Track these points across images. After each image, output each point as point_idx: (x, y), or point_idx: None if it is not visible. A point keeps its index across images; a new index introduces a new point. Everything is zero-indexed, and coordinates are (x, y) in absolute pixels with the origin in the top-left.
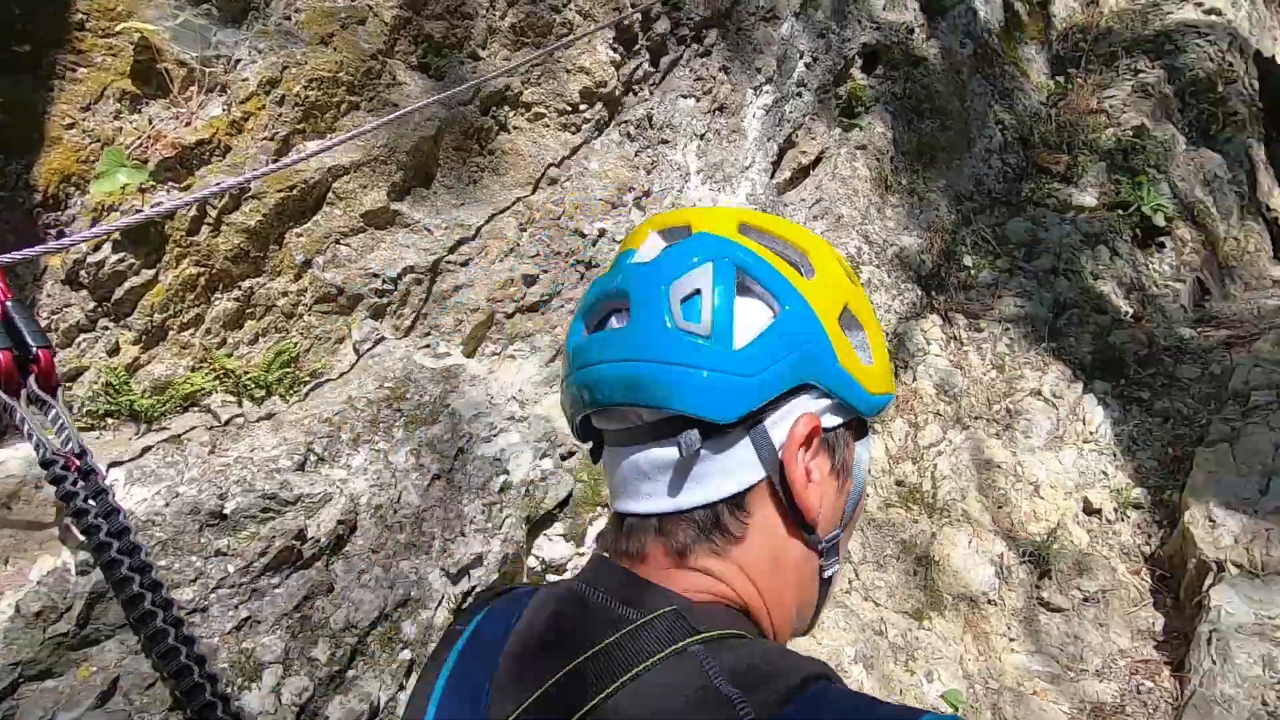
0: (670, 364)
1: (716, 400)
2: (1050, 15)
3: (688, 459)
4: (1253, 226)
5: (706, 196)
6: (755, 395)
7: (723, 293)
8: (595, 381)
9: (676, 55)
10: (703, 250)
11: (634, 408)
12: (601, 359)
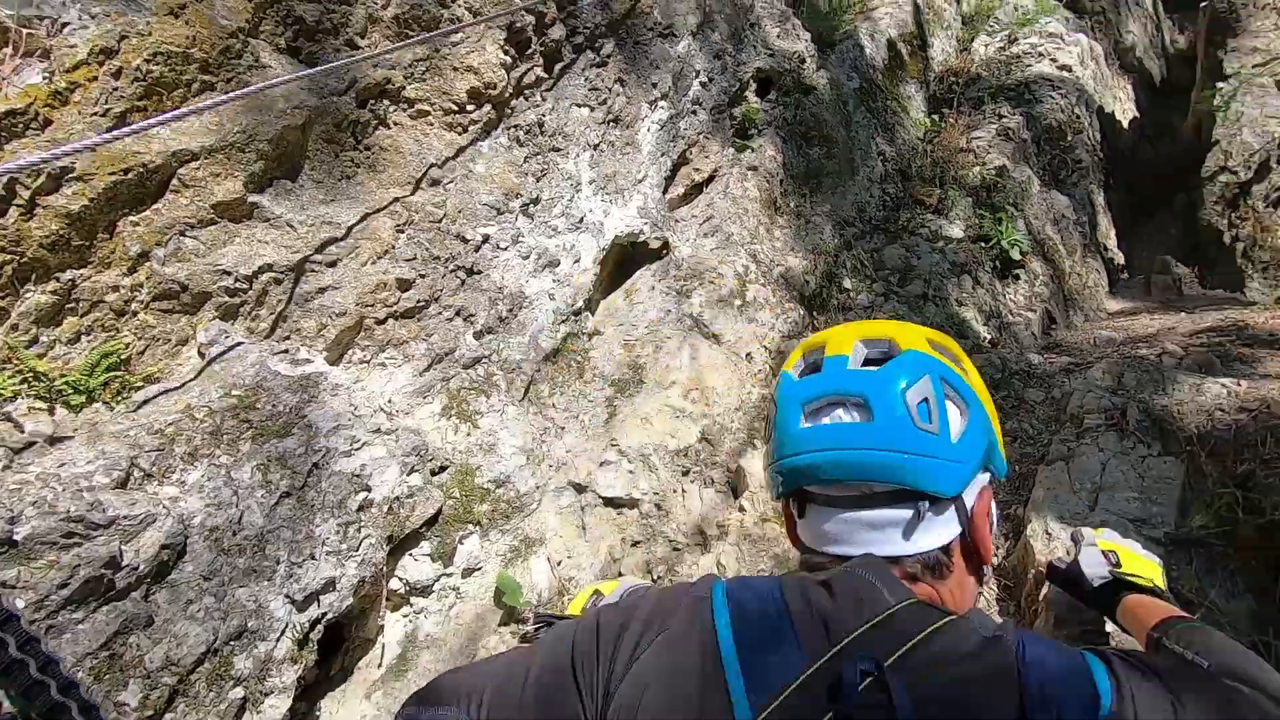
0: (914, 454)
1: (945, 481)
2: (929, 58)
3: (916, 519)
4: (1092, 263)
5: (598, 207)
6: (968, 476)
7: (940, 399)
8: (831, 463)
9: (571, 63)
10: (921, 367)
11: (868, 482)
12: (840, 446)
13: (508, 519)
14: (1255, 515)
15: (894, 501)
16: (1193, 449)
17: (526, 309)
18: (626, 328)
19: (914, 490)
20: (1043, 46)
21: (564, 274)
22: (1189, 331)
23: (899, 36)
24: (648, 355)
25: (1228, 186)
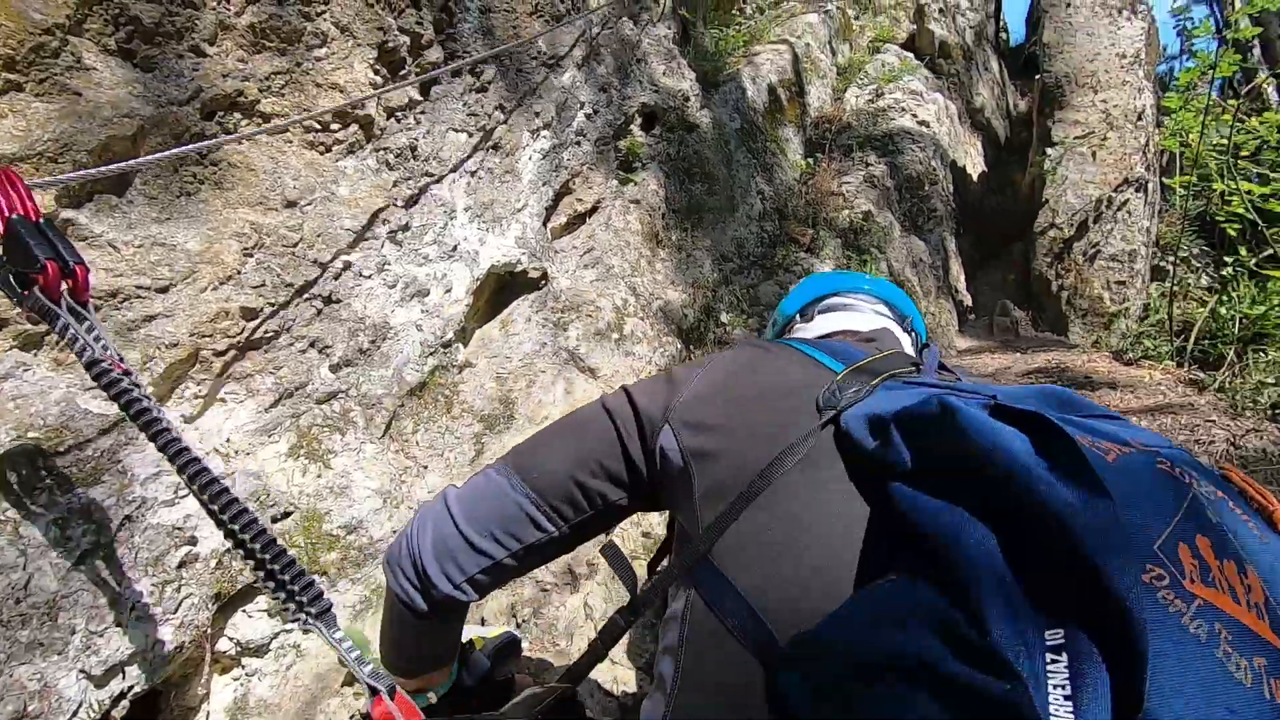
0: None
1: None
2: (806, 104)
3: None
4: (945, 304)
5: (473, 235)
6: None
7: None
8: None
9: (449, 87)
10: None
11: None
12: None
13: (359, 567)
14: None
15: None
16: None
17: (391, 340)
18: (500, 360)
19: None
20: (905, 102)
21: (434, 304)
22: (1021, 372)
23: (779, 82)
24: (520, 389)
25: (1055, 241)
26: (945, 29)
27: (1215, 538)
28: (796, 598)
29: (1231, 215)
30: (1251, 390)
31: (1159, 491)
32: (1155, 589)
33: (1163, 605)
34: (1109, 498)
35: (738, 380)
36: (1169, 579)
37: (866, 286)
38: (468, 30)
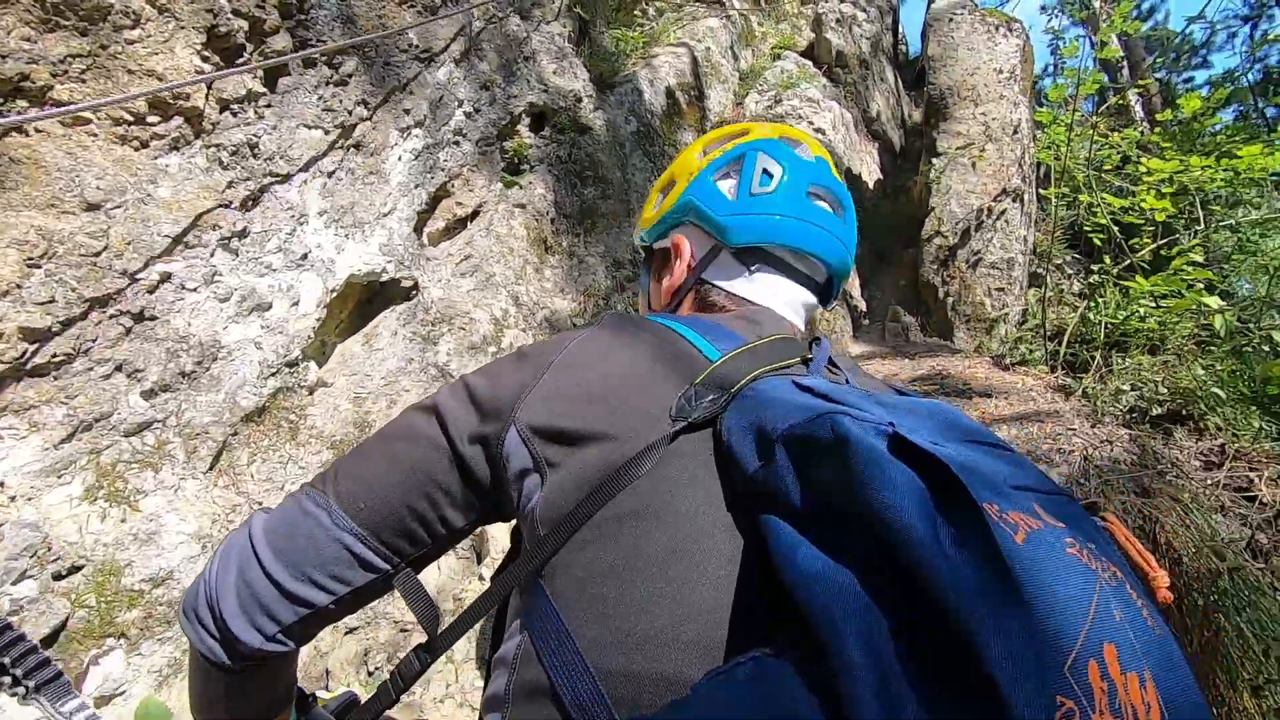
0: (852, 260)
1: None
2: (706, 108)
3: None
4: (839, 310)
5: (329, 242)
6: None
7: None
8: (821, 243)
9: (301, 79)
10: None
11: (822, 268)
12: (832, 231)
13: (168, 625)
14: None
15: (819, 291)
16: None
17: (224, 361)
18: (360, 379)
19: (830, 289)
20: (802, 109)
21: (277, 319)
22: (907, 379)
23: (678, 85)
24: (380, 411)
25: (940, 249)
26: (843, 39)
27: (1121, 643)
28: (642, 665)
29: (1097, 226)
30: (1111, 396)
31: (1070, 588)
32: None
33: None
34: (1022, 607)
35: (597, 369)
36: (1078, 714)
37: None
38: (324, 18)
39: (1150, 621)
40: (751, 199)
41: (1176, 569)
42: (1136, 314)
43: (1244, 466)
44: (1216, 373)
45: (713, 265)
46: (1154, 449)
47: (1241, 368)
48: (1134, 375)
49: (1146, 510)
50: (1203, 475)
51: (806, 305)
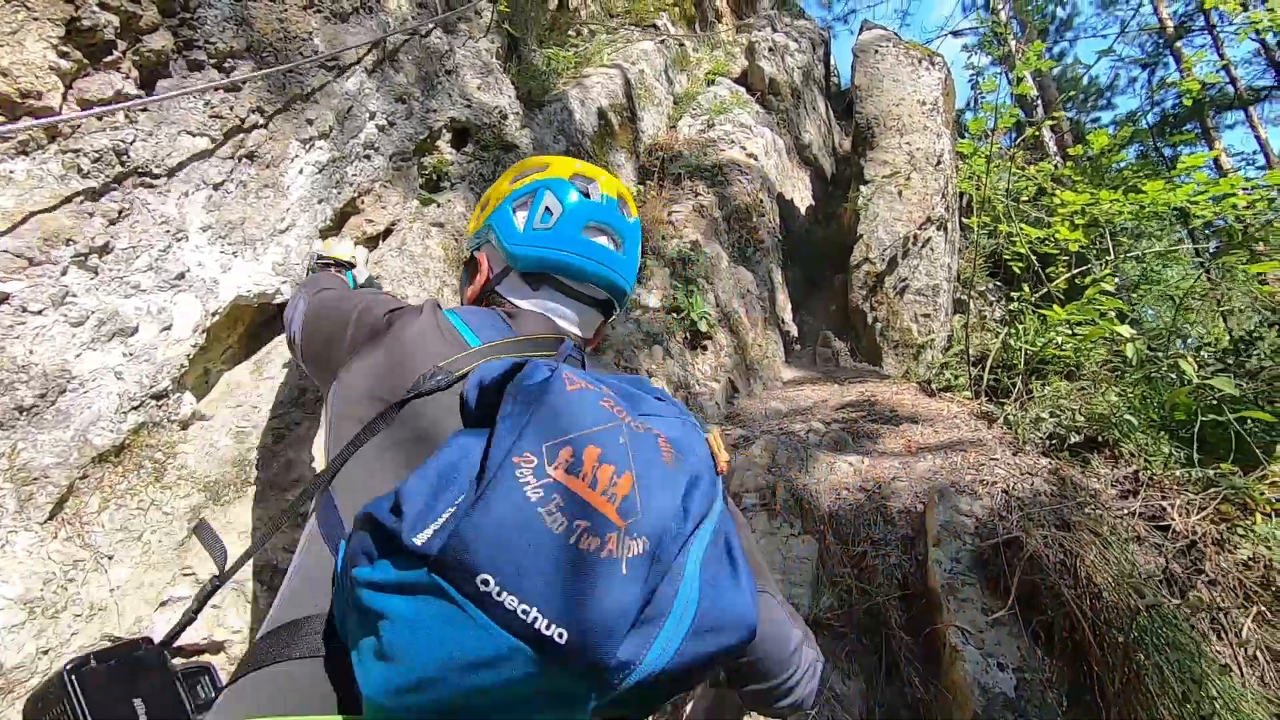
0: (631, 284)
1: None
2: (640, 130)
3: (601, 320)
4: (772, 335)
5: (212, 260)
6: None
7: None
8: (596, 274)
9: (184, 81)
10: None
11: (602, 290)
12: (606, 264)
13: None
14: (866, 597)
15: (600, 305)
16: (824, 528)
17: (75, 393)
18: (245, 411)
19: (615, 304)
20: (735, 134)
21: (143, 345)
22: (836, 405)
23: (610, 106)
24: (265, 447)
25: (869, 275)
26: (775, 67)
27: (608, 449)
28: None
29: (1016, 255)
30: (1031, 423)
31: (582, 417)
32: (518, 465)
33: (516, 476)
34: (543, 409)
35: (402, 343)
36: (536, 463)
37: None
38: (214, 17)
39: (670, 464)
40: (534, 233)
41: (1097, 604)
42: (1054, 341)
43: (1157, 494)
44: (1129, 399)
45: (505, 282)
46: (1073, 480)
47: (1152, 394)
48: (1052, 402)
49: (1068, 544)
50: (1119, 505)
51: (585, 318)
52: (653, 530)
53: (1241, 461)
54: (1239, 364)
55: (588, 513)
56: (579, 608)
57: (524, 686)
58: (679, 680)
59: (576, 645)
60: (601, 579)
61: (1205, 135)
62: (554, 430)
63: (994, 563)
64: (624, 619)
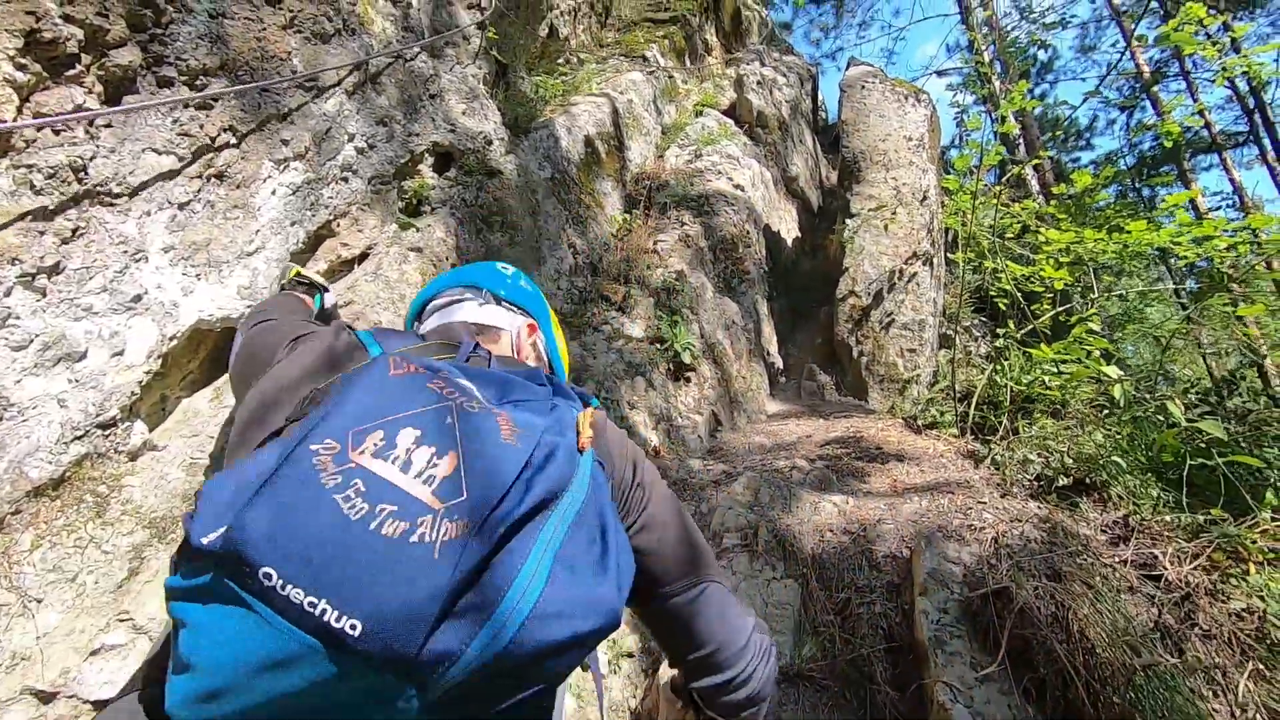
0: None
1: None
2: (627, 159)
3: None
4: (756, 367)
5: (173, 282)
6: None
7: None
8: (475, 279)
9: (152, 97)
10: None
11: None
12: (478, 269)
13: None
14: (850, 648)
15: (481, 297)
16: (807, 571)
17: (11, 422)
18: (201, 441)
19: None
20: (722, 165)
21: (92, 370)
22: (821, 441)
23: (598, 134)
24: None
25: (854, 308)
26: (763, 100)
27: (428, 433)
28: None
29: (1001, 291)
30: (1019, 464)
31: (402, 401)
32: (316, 453)
33: (313, 462)
34: (353, 390)
35: (293, 362)
36: (338, 450)
37: (467, 279)
38: (188, 34)
39: (509, 441)
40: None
41: (1090, 661)
42: (1040, 380)
43: (1147, 541)
44: (1116, 440)
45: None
46: (1063, 526)
47: (1139, 435)
48: (1039, 442)
49: (1059, 596)
50: (1110, 552)
51: (474, 314)
52: (477, 512)
53: (1231, 506)
54: (1220, 403)
55: (396, 497)
56: (375, 598)
57: (333, 689)
58: (529, 670)
59: (373, 637)
60: (404, 565)
61: (1182, 177)
62: (364, 415)
63: (983, 614)
64: (430, 605)
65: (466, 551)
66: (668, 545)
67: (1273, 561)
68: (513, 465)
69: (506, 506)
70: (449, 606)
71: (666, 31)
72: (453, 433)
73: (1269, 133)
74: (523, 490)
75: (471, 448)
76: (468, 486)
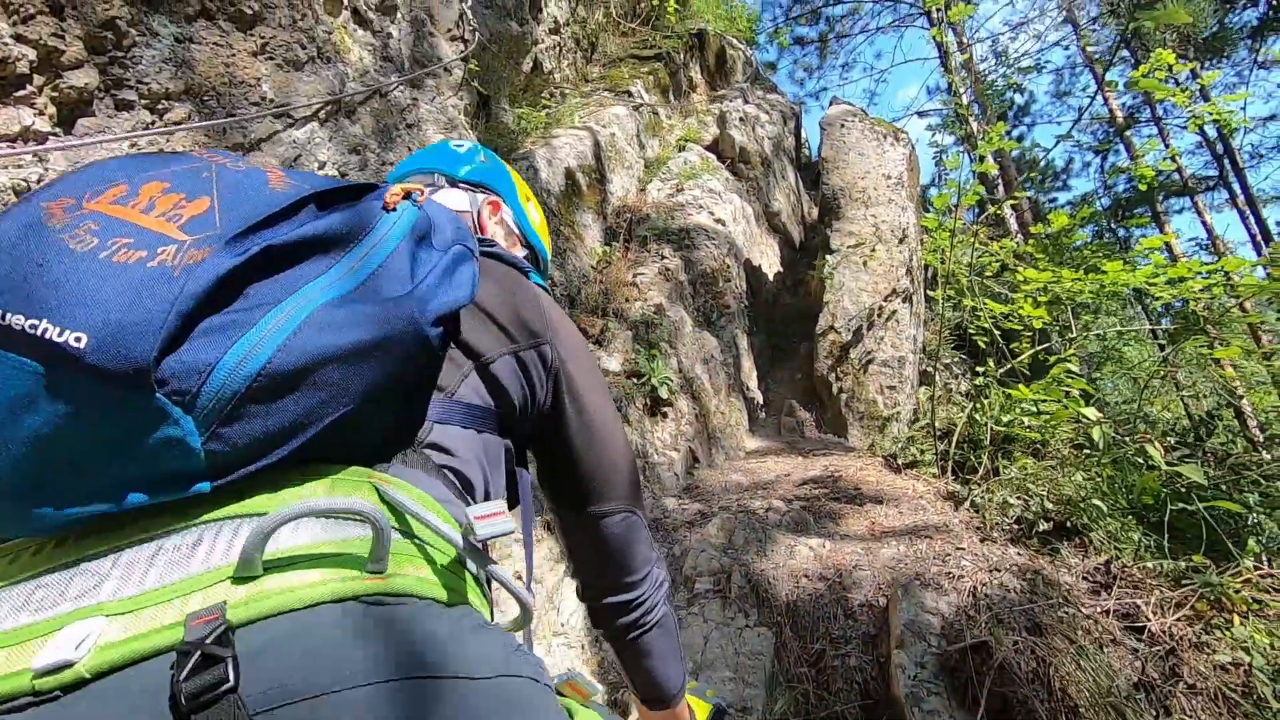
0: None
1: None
2: (608, 191)
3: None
4: (735, 403)
5: None
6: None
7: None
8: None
9: (110, 121)
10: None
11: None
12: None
13: None
14: (825, 703)
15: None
16: (781, 620)
17: None
18: None
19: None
20: (703, 199)
21: None
22: (799, 480)
23: (579, 167)
24: None
25: (834, 345)
26: (746, 137)
27: (177, 184)
28: None
29: (980, 329)
30: (998, 507)
31: (151, 167)
32: (46, 209)
33: (40, 212)
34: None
35: None
36: (72, 203)
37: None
38: (151, 57)
39: (277, 188)
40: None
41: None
42: (1019, 420)
43: (1130, 589)
44: (1096, 483)
45: None
46: (1044, 575)
47: (1119, 477)
48: (1019, 484)
49: (1040, 651)
50: (1091, 602)
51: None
52: (233, 233)
53: (1213, 552)
54: (1199, 445)
55: (132, 232)
56: (104, 308)
57: (86, 422)
58: (312, 378)
59: (104, 348)
60: (138, 280)
61: (1156, 219)
62: (105, 178)
63: (961, 669)
64: (165, 311)
65: (213, 263)
66: (609, 456)
67: (1257, 612)
68: (280, 201)
69: (268, 232)
70: (196, 319)
71: (651, 68)
72: (209, 184)
73: (1238, 178)
74: (295, 225)
75: (229, 195)
76: (221, 221)
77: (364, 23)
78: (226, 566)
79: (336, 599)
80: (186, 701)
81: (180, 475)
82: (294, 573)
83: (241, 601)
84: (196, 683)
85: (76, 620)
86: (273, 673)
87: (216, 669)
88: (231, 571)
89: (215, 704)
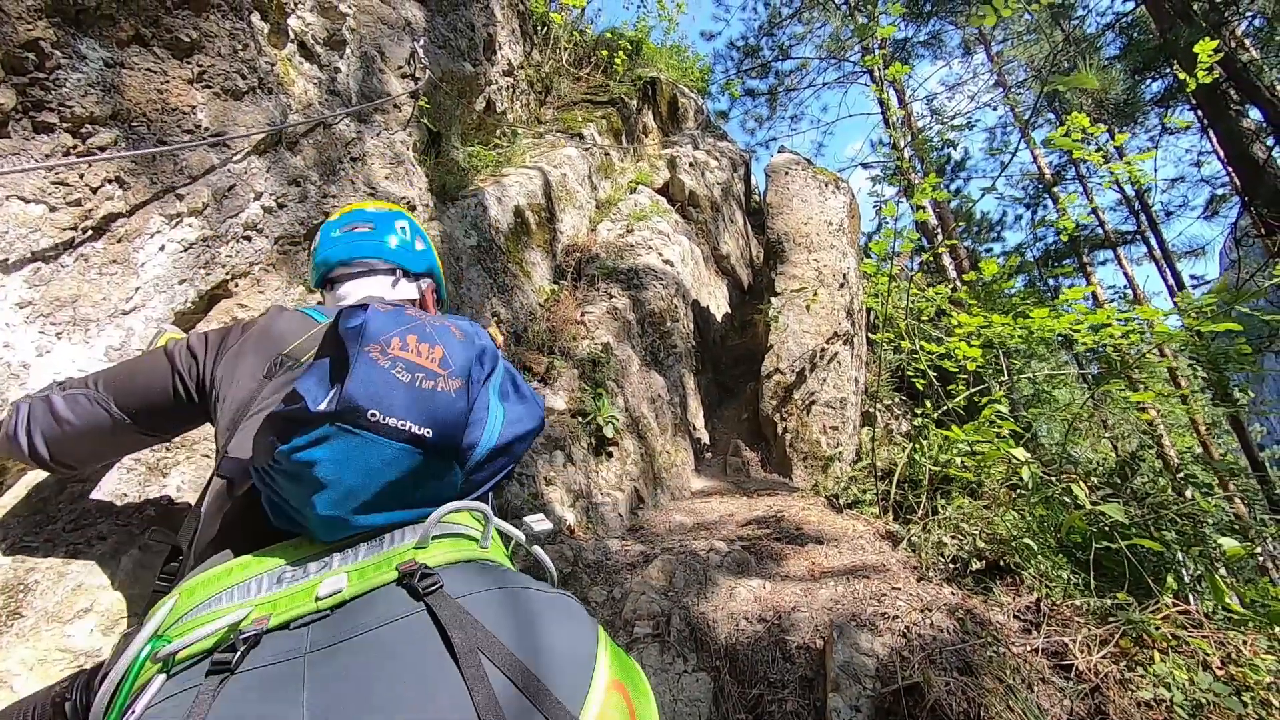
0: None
1: (411, 264)
2: (559, 231)
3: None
4: (682, 442)
5: (27, 341)
6: (421, 269)
7: (414, 233)
8: (380, 248)
9: (26, 144)
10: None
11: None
12: (382, 238)
13: None
14: None
15: (388, 270)
16: (720, 664)
17: None
18: (43, 519)
19: (395, 266)
20: (653, 240)
21: None
22: (742, 520)
23: (528, 205)
24: (53, 569)
25: (779, 385)
26: (696, 181)
27: (420, 335)
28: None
29: (918, 371)
30: (934, 547)
31: (398, 321)
32: (369, 352)
33: (372, 358)
34: (360, 326)
35: (250, 338)
36: (380, 347)
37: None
38: (76, 80)
39: (460, 339)
40: (312, 256)
41: None
42: (955, 460)
43: (1058, 627)
44: (1028, 521)
45: (329, 295)
46: (975, 615)
47: (1049, 516)
48: (955, 525)
49: (970, 692)
50: (1021, 640)
51: (389, 293)
52: (461, 373)
53: (1136, 589)
54: (1123, 484)
55: (422, 369)
56: (435, 416)
57: (417, 473)
58: (508, 451)
59: (439, 436)
60: (440, 400)
61: (1082, 269)
62: (386, 331)
63: (896, 711)
64: (461, 418)
65: (468, 392)
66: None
67: (1175, 648)
68: (471, 351)
69: (476, 372)
70: (466, 420)
71: (605, 112)
72: (435, 335)
73: (1154, 233)
74: (480, 364)
75: (446, 342)
76: (453, 361)
77: (310, 56)
78: (409, 544)
79: (467, 559)
80: (424, 592)
81: (444, 499)
82: (447, 543)
83: (427, 555)
84: (425, 583)
85: (329, 578)
86: (451, 584)
87: (431, 578)
88: (413, 545)
89: (435, 592)
